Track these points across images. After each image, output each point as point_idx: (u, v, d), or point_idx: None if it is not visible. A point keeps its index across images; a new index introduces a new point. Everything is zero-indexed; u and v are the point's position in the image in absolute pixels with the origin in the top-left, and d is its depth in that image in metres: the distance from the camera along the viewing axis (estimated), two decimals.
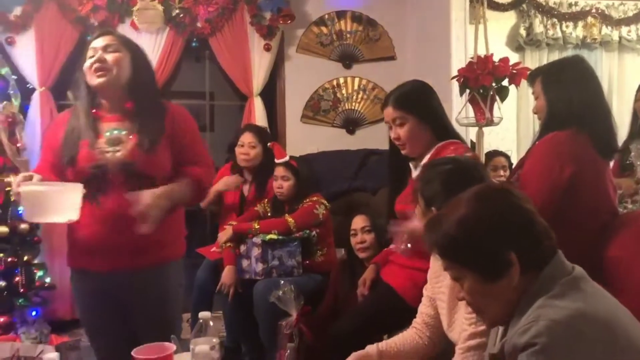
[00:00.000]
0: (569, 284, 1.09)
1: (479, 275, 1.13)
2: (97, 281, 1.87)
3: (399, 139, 2.11)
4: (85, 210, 1.76)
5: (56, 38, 3.69)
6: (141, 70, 1.91)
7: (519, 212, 1.13)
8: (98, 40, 1.89)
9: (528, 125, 4.43)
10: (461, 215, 1.14)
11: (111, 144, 1.82)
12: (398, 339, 1.72)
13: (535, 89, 2.10)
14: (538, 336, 1.01)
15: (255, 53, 3.94)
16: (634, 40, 4.53)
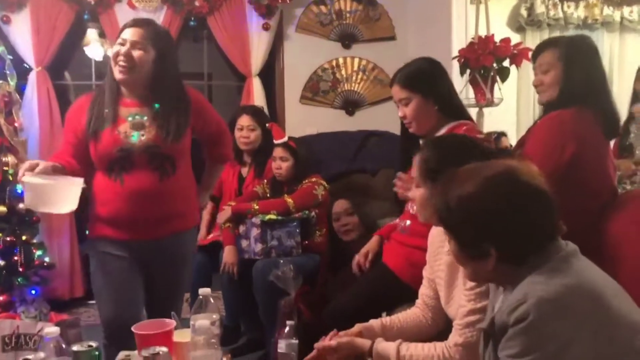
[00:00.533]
0: (559, 261, 1.10)
1: (458, 249, 1.18)
2: (117, 246, 2.02)
3: (405, 118, 2.13)
4: (109, 188, 1.97)
5: (52, 17, 3.64)
6: (166, 67, 2.02)
7: (517, 210, 1.11)
8: (130, 31, 1.98)
9: (528, 106, 4.40)
10: (465, 191, 1.14)
11: (135, 128, 1.97)
12: (402, 316, 1.73)
13: (547, 60, 2.04)
14: (526, 313, 1.03)
15: (254, 32, 3.90)
16: (635, 20, 4.49)
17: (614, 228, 1.85)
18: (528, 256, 1.11)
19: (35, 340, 1.80)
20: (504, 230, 1.11)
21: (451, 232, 1.19)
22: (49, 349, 1.38)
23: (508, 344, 1.06)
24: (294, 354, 1.97)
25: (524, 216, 1.11)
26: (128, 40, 1.96)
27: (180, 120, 2.01)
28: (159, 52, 1.99)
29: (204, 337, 1.44)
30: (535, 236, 1.12)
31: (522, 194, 1.12)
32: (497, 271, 1.14)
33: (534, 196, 1.12)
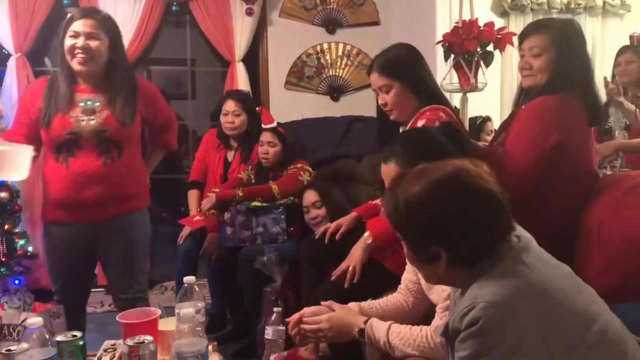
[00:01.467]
0: (509, 260, 1.10)
1: (411, 253, 1.19)
2: (70, 230, 2.15)
3: (386, 105, 2.11)
4: (56, 170, 2.09)
5: (31, 2, 3.57)
6: (118, 53, 2.16)
7: (465, 211, 1.10)
8: (81, 23, 2.06)
9: (512, 91, 4.41)
10: (411, 193, 1.13)
11: (87, 113, 2.08)
12: (382, 301, 1.75)
13: (538, 44, 1.99)
14: (476, 318, 1.03)
15: (237, 18, 3.86)
16: (617, 5, 4.52)
17: (593, 212, 1.87)
18: (479, 258, 1.11)
19: (18, 331, 1.78)
20: (451, 233, 1.10)
21: (402, 234, 1.18)
22: (32, 339, 1.37)
23: (461, 346, 1.07)
24: (280, 340, 1.98)
25: (471, 218, 1.10)
26: (82, 32, 2.05)
27: (131, 105, 2.13)
28: (111, 39, 2.11)
29: (189, 326, 1.44)
30: (483, 238, 1.11)
31: (468, 195, 1.10)
32: (450, 274, 1.14)
33: (480, 198, 1.10)
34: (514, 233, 1.16)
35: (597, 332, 1.07)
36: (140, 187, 2.29)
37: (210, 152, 3.31)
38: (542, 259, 1.16)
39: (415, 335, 1.49)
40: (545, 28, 2.03)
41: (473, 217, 1.10)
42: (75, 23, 2.06)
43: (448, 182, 1.12)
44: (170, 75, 4.59)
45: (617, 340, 1.10)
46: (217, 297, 3.08)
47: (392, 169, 1.55)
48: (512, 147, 1.96)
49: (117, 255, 2.21)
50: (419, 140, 1.64)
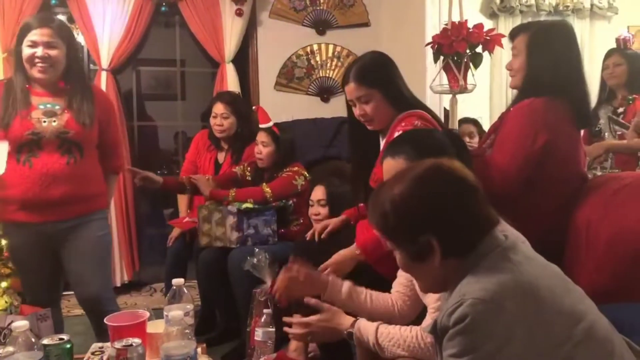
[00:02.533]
0: (496, 257, 1.11)
1: (404, 254, 1.19)
2: (30, 231, 2.18)
3: (366, 115, 2.04)
4: (18, 171, 2.13)
5: (18, 3, 3.54)
6: (75, 59, 2.26)
7: (450, 200, 1.13)
8: (39, 32, 2.12)
9: (501, 92, 4.46)
10: (396, 192, 1.16)
11: (47, 115, 2.16)
12: (374, 294, 1.74)
13: (517, 45, 2.04)
14: (464, 315, 1.04)
15: (227, 18, 3.85)
16: (605, 7, 4.56)
17: (582, 213, 1.88)
18: (471, 246, 1.13)
19: (5, 334, 1.76)
20: (440, 219, 1.13)
21: (392, 237, 1.19)
22: (18, 342, 1.36)
23: (449, 344, 1.08)
24: (270, 342, 1.98)
25: (456, 203, 1.13)
26: (40, 42, 2.11)
27: (89, 109, 2.21)
28: (68, 45, 2.18)
29: (178, 328, 1.43)
30: (471, 221, 1.14)
31: (452, 184, 1.15)
32: (444, 269, 1.15)
33: (463, 186, 1.16)
34: (501, 231, 1.17)
35: (584, 330, 1.07)
36: (100, 188, 2.35)
37: (201, 153, 3.29)
38: (529, 257, 1.16)
39: (405, 336, 1.49)
40: (525, 29, 2.07)
41: (458, 202, 1.13)
42: (33, 32, 2.12)
43: (428, 174, 1.17)
44: (159, 76, 4.57)
45: (604, 338, 1.10)
46: (207, 299, 3.06)
47: (402, 164, 1.53)
48: (500, 149, 1.97)
49: (79, 254, 2.25)
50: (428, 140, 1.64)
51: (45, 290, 2.29)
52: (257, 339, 2.02)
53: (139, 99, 4.26)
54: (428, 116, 2.03)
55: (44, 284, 2.29)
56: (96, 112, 2.25)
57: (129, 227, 3.87)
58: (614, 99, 3.18)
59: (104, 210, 2.39)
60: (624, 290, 1.65)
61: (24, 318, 1.73)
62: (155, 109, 4.61)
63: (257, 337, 2.02)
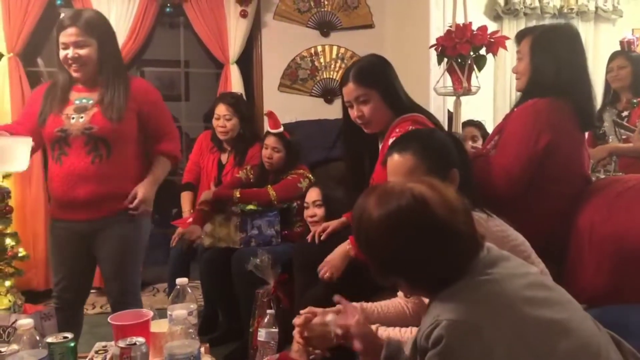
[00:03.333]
0: (472, 275, 1.09)
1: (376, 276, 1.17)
2: (68, 227, 2.21)
3: (363, 117, 2.04)
4: (52, 168, 2.18)
5: (24, 3, 3.55)
6: (109, 52, 2.20)
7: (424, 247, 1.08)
8: (67, 33, 2.12)
9: (505, 94, 4.46)
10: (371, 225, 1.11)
11: (78, 111, 2.15)
12: (383, 304, 1.73)
13: (522, 49, 2.07)
14: (440, 337, 1.02)
15: (231, 19, 3.86)
16: (609, 10, 4.56)
17: (585, 214, 1.88)
18: (439, 285, 1.10)
19: (9, 333, 1.76)
20: (406, 267, 1.10)
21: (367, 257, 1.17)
22: (23, 341, 1.36)
23: None
24: (273, 342, 1.97)
25: (426, 253, 1.08)
26: (69, 43, 2.12)
27: (119, 102, 2.15)
28: (99, 39, 2.15)
29: (182, 327, 1.44)
30: (440, 270, 1.09)
31: (422, 230, 1.08)
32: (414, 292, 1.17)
33: (434, 232, 1.07)
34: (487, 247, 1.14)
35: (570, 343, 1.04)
36: (132, 188, 2.22)
37: (204, 154, 3.30)
38: (509, 267, 1.13)
39: (405, 337, 1.47)
40: (529, 33, 2.09)
41: (427, 252, 1.08)
42: (62, 35, 2.13)
43: (402, 216, 1.09)
44: (163, 77, 4.58)
45: (592, 352, 1.07)
46: (210, 299, 3.07)
47: (410, 160, 1.53)
48: (503, 149, 1.97)
49: (111, 255, 2.23)
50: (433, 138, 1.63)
51: (75, 289, 2.29)
52: (259, 339, 2.02)
53: None
54: (423, 119, 2.03)
55: (75, 283, 2.28)
56: (131, 105, 2.17)
57: None
58: (618, 101, 3.18)
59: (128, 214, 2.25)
60: (626, 292, 1.65)
61: (28, 316, 1.73)
62: None
63: (260, 338, 2.02)
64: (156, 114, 2.29)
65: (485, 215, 1.43)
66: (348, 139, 2.22)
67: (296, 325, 1.59)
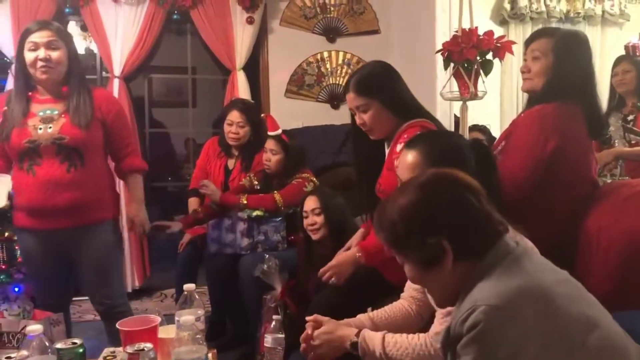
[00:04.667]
0: (508, 265, 1.11)
1: (415, 262, 1.18)
2: (41, 237, 2.21)
3: (364, 125, 2.07)
4: (23, 179, 2.16)
5: (33, 10, 3.59)
6: (75, 60, 2.23)
7: (457, 202, 1.14)
8: (39, 35, 2.13)
9: (512, 99, 4.45)
10: (402, 201, 1.16)
11: (45, 122, 2.16)
12: (388, 308, 1.73)
13: (540, 48, 2.01)
14: (477, 321, 1.03)
15: (238, 26, 3.88)
16: (616, 14, 4.55)
17: (592, 219, 1.87)
18: (483, 249, 1.13)
19: (18, 339, 1.78)
20: (450, 220, 1.13)
21: (402, 246, 1.18)
22: (32, 347, 1.37)
23: (463, 351, 1.07)
24: (280, 348, 1.97)
25: (465, 206, 1.14)
26: (41, 44, 2.12)
27: (85, 110, 2.18)
28: (68, 46, 2.19)
29: (189, 333, 1.44)
30: (482, 225, 1.14)
31: (457, 188, 1.16)
32: (456, 274, 1.14)
33: (469, 190, 1.16)
34: (512, 239, 1.17)
35: (599, 338, 1.06)
36: (107, 196, 2.32)
37: (211, 159, 3.31)
38: (542, 263, 1.16)
39: (413, 344, 1.47)
40: (549, 34, 2.06)
41: (465, 204, 1.14)
42: (33, 35, 2.13)
43: (432, 180, 1.18)
44: (171, 83, 4.62)
45: (620, 347, 1.09)
46: (217, 304, 3.07)
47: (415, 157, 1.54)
48: (510, 154, 1.97)
49: (90, 263, 2.26)
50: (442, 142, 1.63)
51: (55, 295, 2.30)
52: (266, 345, 2.02)
53: (150, 106, 4.30)
54: (432, 125, 2.04)
55: (54, 289, 2.29)
56: (96, 113, 2.21)
57: None
58: (623, 106, 3.17)
59: (110, 221, 2.33)
60: (635, 298, 1.64)
61: (37, 322, 1.74)
62: (167, 116, 4.66)
63: (267, 344, 2.01)
64: (119, 125, 2.33)
65: None
66: (356, 143, 2.24)
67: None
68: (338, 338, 1.57)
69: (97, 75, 4.01)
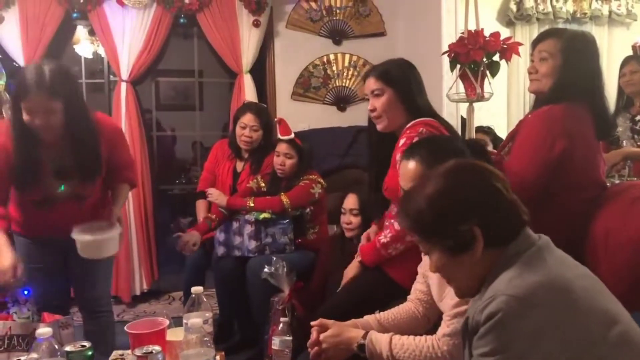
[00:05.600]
0: (531, 256, 1.11)
1: (444, 249, 1.17)
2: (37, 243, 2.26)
3: (375, 110, 2.14)
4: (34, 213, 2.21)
5: (41, 15, 3.62)
6: (75, 109, 2.08)
7: (486, 188, 1.15)
8: (33, 101, 1.98)
9: (518, 100, 4.44)
10: (429, 189, 1.17)
11: (59, 177, 2.16)
12: (395, 310, 1.74)
13: (548, 49, 2.01)
14: (495, 311, 1.04)
15: (244, 29, 3.90)
16: (623, 14, 4.53)
17: (600, 221, 1.86)
18: (512, 234, 1.14)
19: (28, 342, 1.79)
20: (480, 205, 1.14)
21: (430, 234, 1.19)
22: (42, 349, 1.38)
23: (479, 342, 1.07)
24: (287, 350, 1.97)
25: (495, 192, 1.15)
26: (35, 110, 1.99)
27: (96, 158, 2.18)
28: (65, 100, 2.02)
29: (197, 336, 1.45)
30: (510, 211, 1.15)
31: (485, 174, 1.18)
32: (484, 262, 1.14)
33: (495, 176, 1.18)
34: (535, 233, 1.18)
35: (619, 333, 1.06)
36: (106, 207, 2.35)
37: (219, 162, 3.30)
38: (562, 257, 1.17)
39: (421, 346, 1.47)
40: (557, 35, 2.05)
41: (494, 190, 1.15)
42: (28, 99, 1.98)
43: (457, 167, 1.20)
44: (178, 87, 4.63)
45: (636, 336, 1.09)
46: (225, 307, 3.08)
47: (414, 167, 1.57)
48: (517, 155, 1.96)
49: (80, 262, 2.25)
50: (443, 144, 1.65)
51: (55, 297, 2.31)
52: (274, 347, 2.02)
53: (157, 110, 4.32)
54: (435, 123, 2.06)
55: (53, 291, 2.31)
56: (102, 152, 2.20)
57: (148, 236, 3.91)
58: (631, 106, 3.16)
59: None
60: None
61: (46, 325, 1.75)
62: (174, 119, 4.67)
63: (275, 346, 2.02)
64: (120, 149, 2.35)
65: None
66: (373, 142, 2.28)
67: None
68: (345, 340, 1.58)
69: (105, 79, 4.03)
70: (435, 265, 1.21)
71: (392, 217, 2.08)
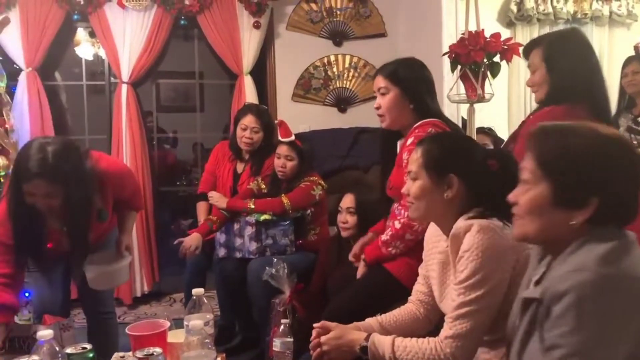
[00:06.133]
0: (623, 245, 1.10)
1: (555, 195, 1.14)
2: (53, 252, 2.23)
3: (380, 108, 2.16)
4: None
5: (41, 17, 3.63)
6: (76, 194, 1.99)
7: (626, 170, 1.13)
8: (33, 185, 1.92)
9: (519, 101, 4.44)
10: (577, 142, 1.14)
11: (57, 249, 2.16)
12: (397, 312, 1.73)
13: (533, 61, 2.06)
14: (580, 286, 1.02)
15: (245, 31, 3.90)
16: (624, 15, 4.53)
17: None
18: (618, 220, 1.12)
19: (29, 344, 1.79)
20: (610, 189, 1.11)
21: (551, 177, 1.15)
22: (43, 352, 1.38)
23: (559, 322, 1.05)
24: (288, 352, 1.97)
25: (629, 179, 1.13)
26: (37, 194, 1.94)
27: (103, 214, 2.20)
28: (64, 186, 1.95)
29: (198, 338, 1.45)
30: (630, 201, 1.13)
31: (631, 159, 1.14)
32: (578, 230, 1.12)
33: (637, 165, 1.14)
34: None
35: None
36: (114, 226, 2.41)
37: (220, 163, 3.31)
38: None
39: (423, 348, 1.46)
40: (538, 44, 2.09)
41: (631, 178, 1.13)
42: (29, 184, 1.92)
43: (615, 141, 1.16)
44: (178, 88, 4.64)
45: None
46: (226, 309, 3.08)
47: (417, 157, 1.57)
48: (519, 157, 1.96)
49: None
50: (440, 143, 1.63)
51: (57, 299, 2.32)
52: (275, 349, 2.02)
53: (158, 111, 4.33)
54: (443, 125, 2.07)
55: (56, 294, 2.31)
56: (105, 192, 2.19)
57: (149, 238, 3.91)
58: (633, 106, 3.16)
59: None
60: None
61: (48, 327, 1.75)
62: (175, 121, 4.68)
63: (276, 348, 2.02)
64: (127, 187, 2.34)
65: (502, 224, 1.43)
66: (385, 143, 2.30)
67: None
68: (347, 342, 1.57)
69: (106, 81, 4.04)
70: (535, 197, 1.17)
71: (395, 217, 2.08)
